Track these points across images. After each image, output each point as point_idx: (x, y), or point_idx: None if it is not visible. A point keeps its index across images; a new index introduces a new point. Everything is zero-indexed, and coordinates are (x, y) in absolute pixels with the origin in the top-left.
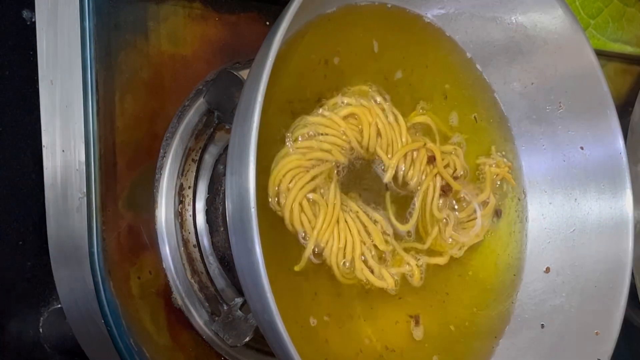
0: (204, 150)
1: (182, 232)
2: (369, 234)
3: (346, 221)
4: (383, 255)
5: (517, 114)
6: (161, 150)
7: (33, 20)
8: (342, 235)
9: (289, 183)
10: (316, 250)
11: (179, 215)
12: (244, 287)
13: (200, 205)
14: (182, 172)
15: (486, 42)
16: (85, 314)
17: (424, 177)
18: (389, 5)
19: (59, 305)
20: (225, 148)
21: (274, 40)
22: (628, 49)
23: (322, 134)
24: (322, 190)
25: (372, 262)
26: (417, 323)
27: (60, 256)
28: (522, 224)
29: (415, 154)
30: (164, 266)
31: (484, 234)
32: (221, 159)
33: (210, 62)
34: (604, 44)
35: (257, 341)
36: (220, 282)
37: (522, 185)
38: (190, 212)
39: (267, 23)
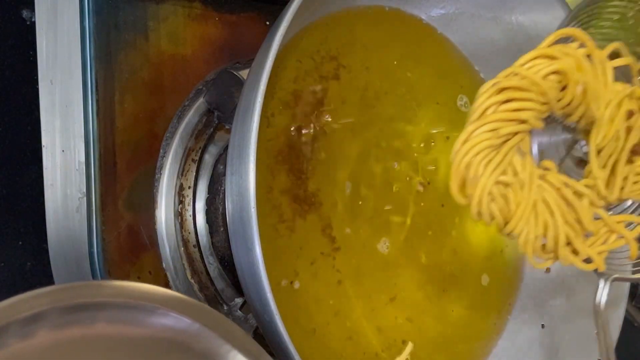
0: (204, 150)
1: (182, 232)
2: (574, 211)
3: (544, 201)
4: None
5: None
6: (161, 150)
7: (33, 20)
8: (539, 219)
9: (477, 168)
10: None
11: (179, 215)
12: (244, 287)
13: (200, 205)
14: (182, 172)
15: (486, 42)
16: None
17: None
18: (387, 8)
19: None
20: (225, 148)
21: (274, 40)
22: None
23: (517, 99)
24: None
25: (577, 244)
26: None
27: (60, 256)
28: None
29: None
30: (164, 266)
31: None
32: (221, 159)
33: (210, 62)
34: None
35: (257, 341)
36: (220, 282)
37: None
38: (190, 212)
39: (267, 23)
